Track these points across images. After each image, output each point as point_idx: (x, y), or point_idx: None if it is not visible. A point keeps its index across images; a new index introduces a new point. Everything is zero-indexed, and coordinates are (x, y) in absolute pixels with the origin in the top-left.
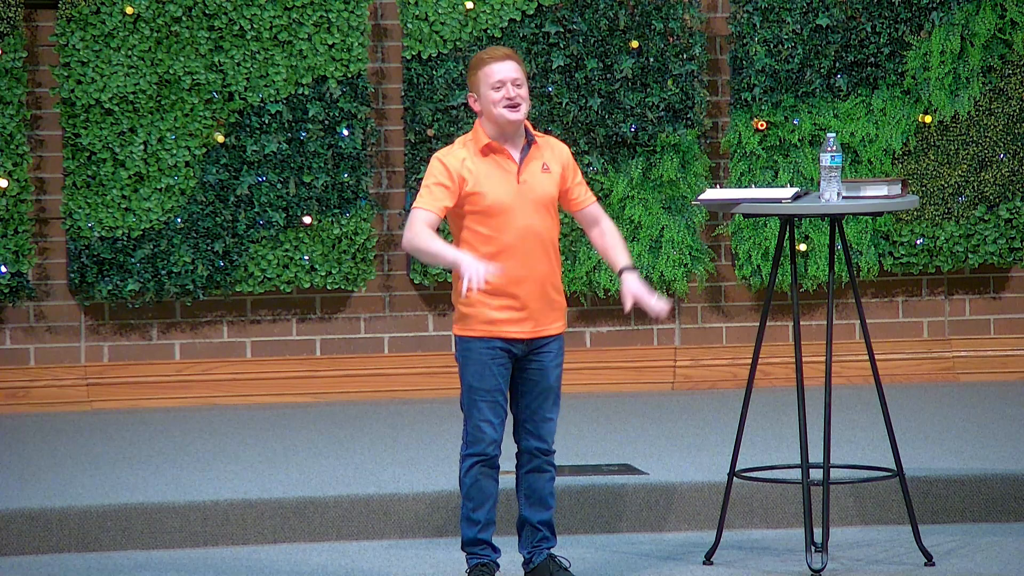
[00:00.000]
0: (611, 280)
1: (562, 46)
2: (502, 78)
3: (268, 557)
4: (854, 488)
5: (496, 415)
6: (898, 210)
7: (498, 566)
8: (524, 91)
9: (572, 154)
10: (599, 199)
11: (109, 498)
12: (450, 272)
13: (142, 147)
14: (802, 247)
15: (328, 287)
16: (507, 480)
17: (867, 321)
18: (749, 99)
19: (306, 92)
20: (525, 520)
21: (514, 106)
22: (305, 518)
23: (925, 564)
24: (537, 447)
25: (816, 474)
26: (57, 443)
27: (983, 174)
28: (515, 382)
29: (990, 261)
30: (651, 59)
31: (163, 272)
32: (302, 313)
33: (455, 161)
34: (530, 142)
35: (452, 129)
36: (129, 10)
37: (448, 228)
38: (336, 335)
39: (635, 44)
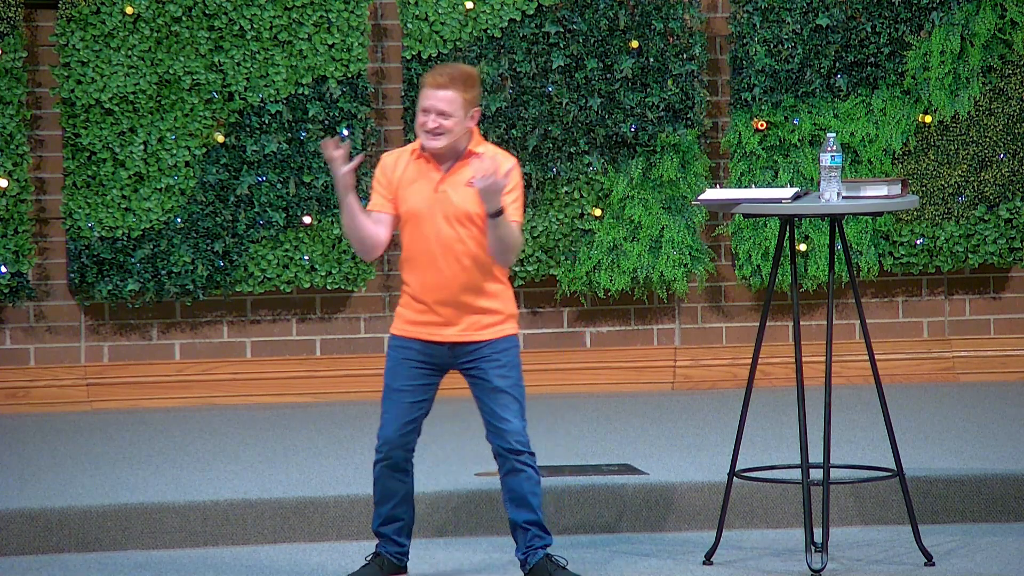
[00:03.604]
0: (611, 280)
1: (562, 46)
2: (427, 106)
3: (268, 557)
4: (854, 488)
5: (398, 415)
6: (898, 210)
7: (398, 562)
8: (452, 122)
9: (518, 167)
10: (599, 200)
11: (109, 498)
12: None
13: (142, 147)
14: (802, 247)
15: (328, 287)
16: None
17: (867, 321)
18: (749, 99)
19: (306, 92)
20: (513, 522)
21: (434, 135)
22: (305, 518)
23: (925, 564)
24: (502, 447)
25: (816, 474)
26: (57, 443)
27: (983, 174)
28: (470, 386)
29: (990, 261)
30: (651, 59)
31: (163, 272)
32: (302, 313)
33: (391, 161)
34: (460, 156)
35: None
36: (129, 10)
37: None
38: (336, 335)
39: (635, 44)
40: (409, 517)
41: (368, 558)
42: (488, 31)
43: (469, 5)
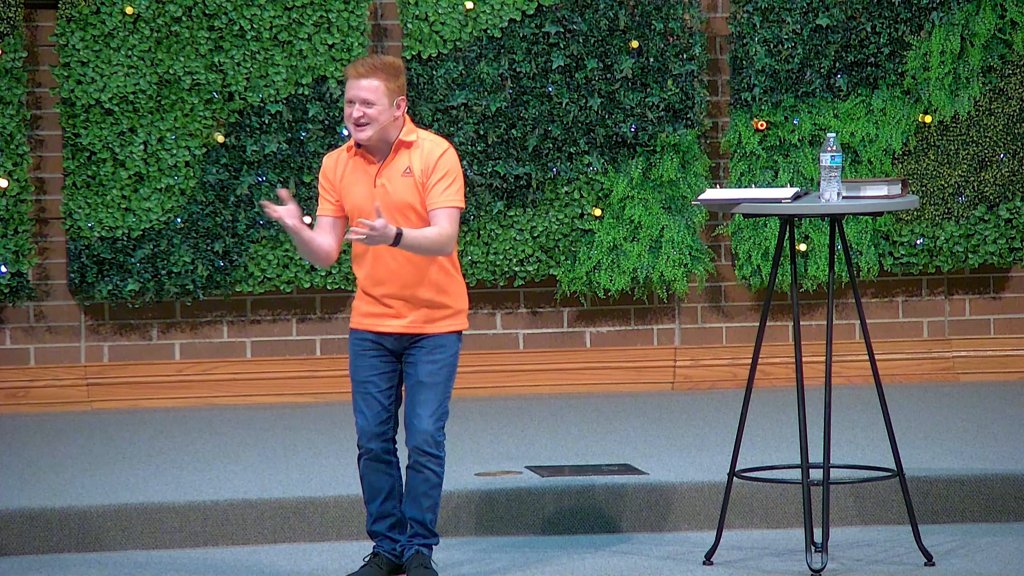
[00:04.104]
0: (611, 280)
1: (562, 46)
2: (351, 96)
3: (268, 557)
4: (854, 488)
5: (369, 407)
6: (898, 210)
7: (398, 561)
8: (376, 111)
9: (450, 154)
10: (599, 200)
11: (109, 498)
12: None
13: (142, 147)
14: (802, 247)
15: (328, 287)
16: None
17: (867, 321)
18: (749, 99)
19: (306, 92)
20: (404, 513)
21: (359, 126)
22: (305, 518)
23: (925, 564)
24: (408, 442)
25: (816, 474)
26: (57, 443)
27: (983, 174)
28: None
29: (990, 261)
30: (651, 59)
31: (163, 272)
32: (302, 313)
33: (331, 162)
34: (392, 146)
35: (452, 129)
36: (129, 10)
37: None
38: (336, 335)
39: (635, 44)
40: (401, 513)
41: (367, 558)
42: (488, 31)
43: (469, 5)
